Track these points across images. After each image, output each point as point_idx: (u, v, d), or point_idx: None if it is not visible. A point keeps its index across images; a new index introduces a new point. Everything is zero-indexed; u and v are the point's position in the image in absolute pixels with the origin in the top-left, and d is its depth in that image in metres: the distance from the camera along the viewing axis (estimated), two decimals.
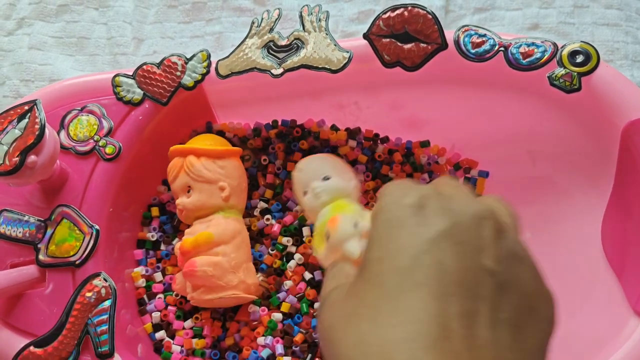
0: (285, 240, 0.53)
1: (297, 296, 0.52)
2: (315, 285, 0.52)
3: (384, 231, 0.25)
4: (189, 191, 0.51)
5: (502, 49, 0.47)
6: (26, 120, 0.46)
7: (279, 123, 0.57)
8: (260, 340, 0.50)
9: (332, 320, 0.25)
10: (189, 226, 0.53)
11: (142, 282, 0.53)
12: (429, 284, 0.23)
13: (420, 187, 0.27)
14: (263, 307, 0.52)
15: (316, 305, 0.52)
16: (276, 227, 0.54)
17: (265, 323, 0.51)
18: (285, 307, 0.51)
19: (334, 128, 0.56)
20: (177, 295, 0.53)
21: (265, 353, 0.50)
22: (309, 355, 0.49)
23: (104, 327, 0.45)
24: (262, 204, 0.55)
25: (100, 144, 0.50)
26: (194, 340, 0.51)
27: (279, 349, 0.50)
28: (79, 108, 0.51)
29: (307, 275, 0.52)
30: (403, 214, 0.25)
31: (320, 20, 0.50)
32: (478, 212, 0.25)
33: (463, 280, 0.23)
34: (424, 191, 0.26)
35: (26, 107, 0.46)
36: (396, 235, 0.25)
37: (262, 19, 0.51)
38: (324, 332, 0.26)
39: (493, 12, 0.67)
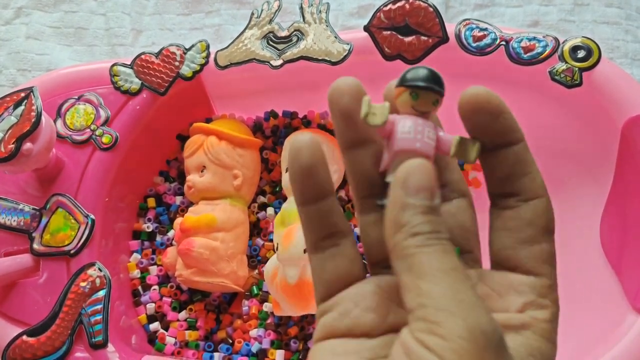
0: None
1: None
2: None
3: None
4: (202, 170, 0.51)
5: (503, 43, 0.46)
6: (22, 107, 0.45)
7: (280, 115, 0.56)
8: (253, 332, 0.50)
9: None
10: (186, 209, 0.53)
11: (137, 273, 0.53)
12: None
13: None
14: (252, 299, 0.51)
15: None
16: (272, 222, 0.54)
17: (257, 314, 0.51)
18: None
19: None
20: (172, 286, 0.53)
21: (257, 346, 0.49)
22: (302, 349, 0.49)
23: (98, 317, 0.45)
24: (262, 198, 0.55)
25: (97, 133, 0.50)
26: (187, 332, 0.51)
27: (268, 343, 0.49)
28: (76, 97, 0.51)
29: None
30: None
31: (320, 12, 0.50)
32: None
33: None
34: None
35: (22, 94, 0.46)
36: None
37: (261, 10, 0.51)
38: None
39: (493, 9, 0.66)
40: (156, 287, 0.53)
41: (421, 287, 0.19)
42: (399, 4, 0.47)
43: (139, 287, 0.53)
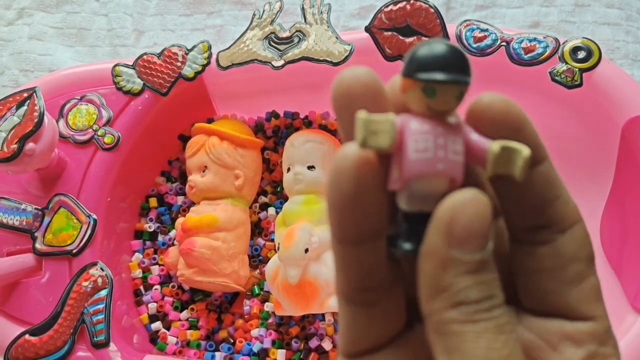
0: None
1: None
2: None
3: None
4: (204, 170, 0.52)
5: (504, 44, 0.47)
6: (25, 107, 0.45)
7: (281, 115, 0.56)
8: (254, 332, 0.50)
9: None
10: (187, 209, 0.53)
11: (138, 272, 0.53)
12: None
13: None
14: (253, 299, 0.52)
15: None
16: (274, 222, 0.54)
17: (258, 314, 0.51)
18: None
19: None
20: (173, 286, 0.53)
21: (258, 346, 0.50)
22: (303, 349, 0.49)
23: (100, 317, 0.45)
24: (263, 198, 0.55)
25: (99, 133, 0.50)
26: (189, 332, 0.51)
27: (269, 342, 0.50)
28: (78, 97, 0.51)
29: None
30: None
31: (321, 12, 0.50)
32: None
33: None
34: None
35: (25, 94, 0.46)
36: None
37: (263, 11, 0.51)
38: None
39: (494, 10, 0.67)
40: (158, 286, 0.53)
41: None
42: (400, 4, 0.47)
43: (141, 287, 0.53)
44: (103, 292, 0.46)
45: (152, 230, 0.55)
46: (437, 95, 0.15)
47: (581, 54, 0.46)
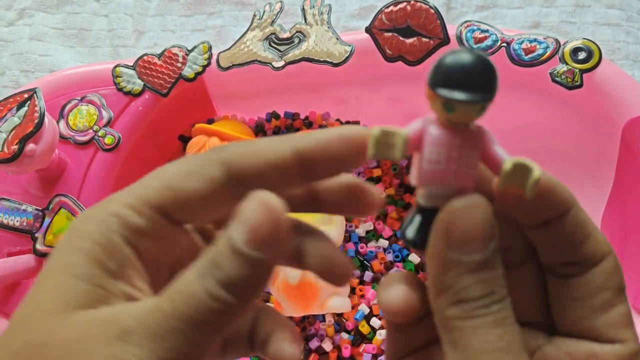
0: None
1: None
2: None
3: None
4: None
5: (504, 44, 0.47)
6: (25, 108, 0.45)
7: (282, 116, 0.57)
8: None
9: None
10: None
11: None
12: None
13: None
14: None
15: None
16: None
17: None
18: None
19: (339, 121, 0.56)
20: None
21: None
22: (304, 350, 0.49)
23: None
24: None
25: (100, 134, 0.50)
26: None
27: None
28: (79, 98, 0.51)
29: None
30: None
31: (322, 13, 0.50)
32: None
33: None
34: None
35: (26, 95, 0.46)
36: None
37: (263, 11, 0.51)
38: None
39: (495, 10, 0.67)
40: None
41: None
42: (400, 5, 0.47)
43: None
44: None
45: None
46: (457, 111, 0.16)
47: (581, 55, 0.46)
